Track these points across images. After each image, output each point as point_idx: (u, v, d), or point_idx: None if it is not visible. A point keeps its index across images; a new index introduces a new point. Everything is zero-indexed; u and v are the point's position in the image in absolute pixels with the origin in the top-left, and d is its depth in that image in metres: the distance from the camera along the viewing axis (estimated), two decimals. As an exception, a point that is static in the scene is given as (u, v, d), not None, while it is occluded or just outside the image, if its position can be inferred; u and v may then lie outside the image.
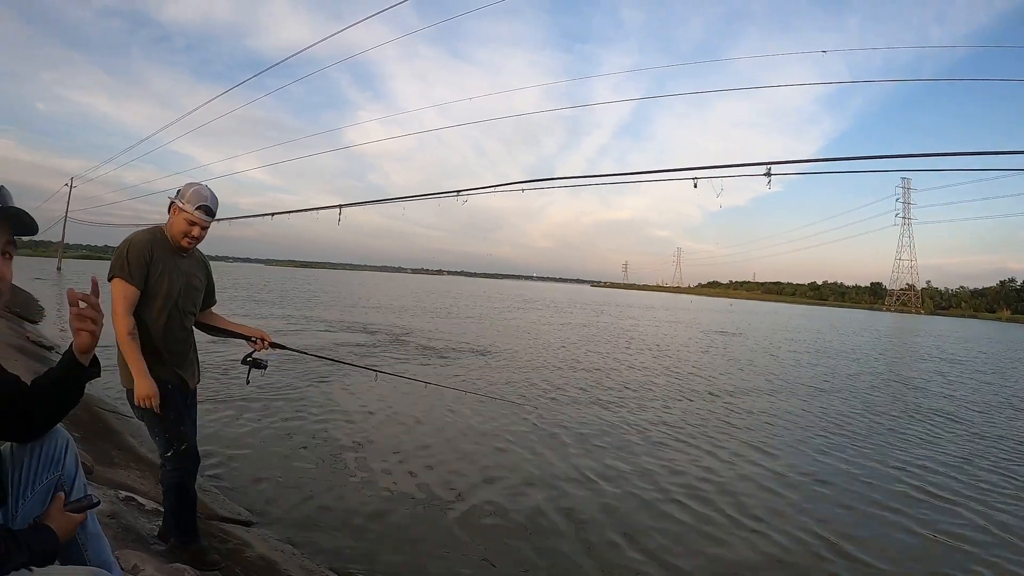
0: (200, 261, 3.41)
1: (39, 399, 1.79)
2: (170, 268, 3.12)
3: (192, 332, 3.40)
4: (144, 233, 3.13)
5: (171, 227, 3.14)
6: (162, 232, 3.17)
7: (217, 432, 6.76)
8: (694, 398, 10.97)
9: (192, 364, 3.38)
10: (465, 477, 5.66)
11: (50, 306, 20.23)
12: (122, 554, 2.83)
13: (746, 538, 4.94)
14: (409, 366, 12.01)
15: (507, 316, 32.34)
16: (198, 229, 3.15)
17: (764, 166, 7.36)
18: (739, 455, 7.20)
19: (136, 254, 3.01)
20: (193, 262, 3.31)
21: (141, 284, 3.02)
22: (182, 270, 3.20)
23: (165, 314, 3.10)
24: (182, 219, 3.11)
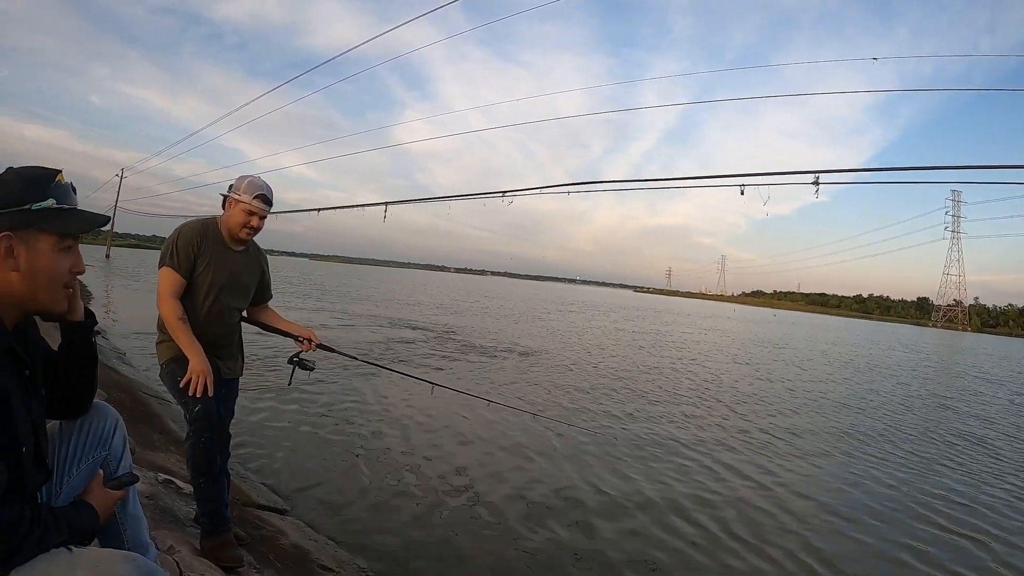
0: (254, 258, 3.39)
1: (64, 369, 1.82)
2: (216, 262, 3.12)
3: (238, 327, 3.40)
4: (196, 223, 3.14)
5: (229, 220, 3.14)
6: (215, 224, 3.17)
7: (259, 422, 6.85)
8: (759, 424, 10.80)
9: (234, 356, 3.38)
10: (505, 490, 5.55)
11: (98, 291, 20.74)
12: (158, 534, 2.87)
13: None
14: (461, 371, 11.78)
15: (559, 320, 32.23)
16: (256, 219, 3.14)
17: (812, 174, 7.23)
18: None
19: (184, 244, 3.03)
20: (246, 258, 3.30)
21: (187, 274, 3.03)
22: (229, 266, 3.18)
23: (206, 306, 3.10)
24: (239, 210, 3.11)
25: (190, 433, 2.99)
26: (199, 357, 2.89)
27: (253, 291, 3.41)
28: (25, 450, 1.47)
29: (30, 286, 1.49)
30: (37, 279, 1.49)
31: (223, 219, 3.16)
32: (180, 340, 2.93)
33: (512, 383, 10.83)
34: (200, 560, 2.87)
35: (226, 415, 3.29)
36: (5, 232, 1.43)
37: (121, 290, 24.74)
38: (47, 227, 1.49)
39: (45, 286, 1.52)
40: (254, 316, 3.54)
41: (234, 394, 3.46)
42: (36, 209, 1.47)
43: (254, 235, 3.21)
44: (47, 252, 1.50)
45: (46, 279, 1.51)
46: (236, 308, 3.32)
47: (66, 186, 1.55)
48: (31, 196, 1.47)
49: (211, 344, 3.10)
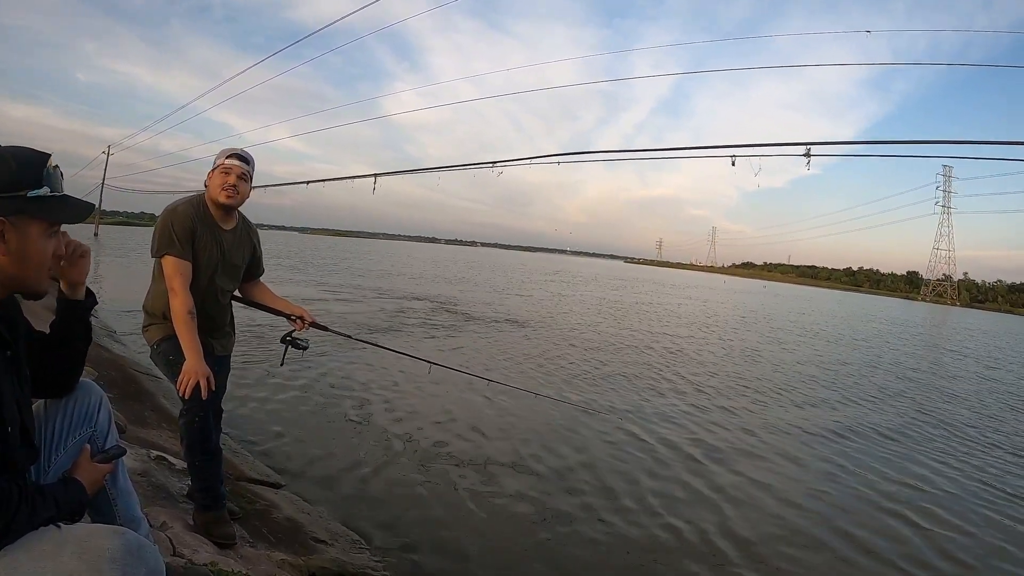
0: (245, 235, 3.33)
1: (56, 346, 1.83)
2: (209, 243, 3.07)
3: (229, 305, 3.37)
4: (185, 205, 3.06)
5: (209, 190, 3.08)
6: (203, 203, 3.10)
7: (252, 397, 6.86)
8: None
9: (227, 335, 3.37)
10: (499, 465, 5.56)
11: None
12: (151, 511, 2.88)
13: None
14: (457, 346, 11.80)
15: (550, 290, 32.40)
16: (233, 177, 3.05)
17: (804, 146, 7.21)
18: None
19: (182, 227, 2.96)
20: (236, 236, 3.25)
21: (191, 256, 2.98)
22: (222, 246, 3.13)
23: (199, 287, 3.04)
24: (216, 174, 3.06)
25: (184, 411, 2.99)
26: (197, 358, 2.83)
27: (244, 269, 3.37)
28: (11, 429, 1.47)
29: (18, 269, 1.50)
30: (26, 263, 1.51)
31: (208, 194, 3.10)
32: (182, 335, 2.86)
33: (509, 359, 10.84)
34: (193, 535, 2.88)
35: (219, 391, 3.25)
36: (0, 218, 1.44)
37: (110, 268, 24.57)
38: (39, 214, 1.51)
39: (32, 269, 1.53)
40: (246, 292, 3.51)
41: (226, 370, 3.44)
42: (31, 196, 1.48)
43: (238, 198, 3.10)
44: (36, 237, 1.52)
45: (34, 263, 1.53)
46: (228, 290, 3.28)
47: (57, 173, 1.55)
48: (27, 182, 1.48)
49: (205, 324, 3.05)
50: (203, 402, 2.86)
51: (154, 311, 3.09)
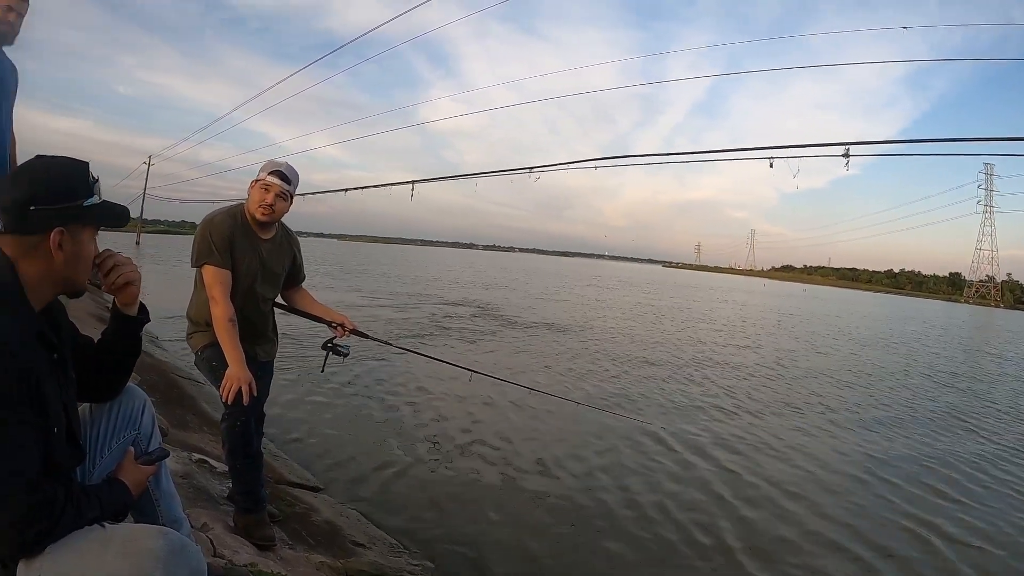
0: (285, 244, 3.36)
1: (105, 355, 1.87)
2: (247, 252, 3.10)
3: (271, 312, 3.40)
4: (223, 215, 3.10)
5: (249, 203, 3.11)
6: (242, 213, 3.14)
7: (293, 402, 6.95)
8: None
9: (269, 340, 3.40)
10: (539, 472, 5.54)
11: (130, 278, 20.99)
12: (193, 513, 2.92)
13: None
14: (498, 353, 11.73)
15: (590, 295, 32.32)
16: (272, 195, 3.06)
17: (842, 146, 7.08)
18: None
19: (220, 236, 3.00)
20: (275, 245, 3.27)
21: (230, 265, 3.01)
22: (261, 255, 3.17)
23: (239, 295, 3.07)
24: (256, 188, 3.08)
25: (226, 416, 3.02)
26: (239, 365, 2.86)
27: (284, 277, 3.40)
28: (57, 431, 1.50)
29: (69, 272, 1.57)
30: (77, 265, 1.58)
31: (247, 205, 3.13)
32: (224, 343, 2.90)
33: (548, 365, 10.77)
34: (234, 537, 2.92)
35: (261, 396, 3.27)
36: (59, 227, 1.50)
37: (150, 275, 25.01)
38: (90, 221, 1.59)
39: (80, 271, 1.61)
40: (288, 299, 3.53)
41: (268, 376, 3.46)
42: (87, 205, 1.56)
43: (274, 216, 3.13)
44: (86, 242, 1.60)
45: (82, 265, 1.61)
46: (268, 298, 3.31)
47: (98, 179, 1.62)
48: (83, 192, 1.55)
49: (247, 331, 3.08)
50: (245, 407, 2.88)
51: (197, 319, 3.14)
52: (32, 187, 1.50)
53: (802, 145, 7.61)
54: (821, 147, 7.48)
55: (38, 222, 1.49)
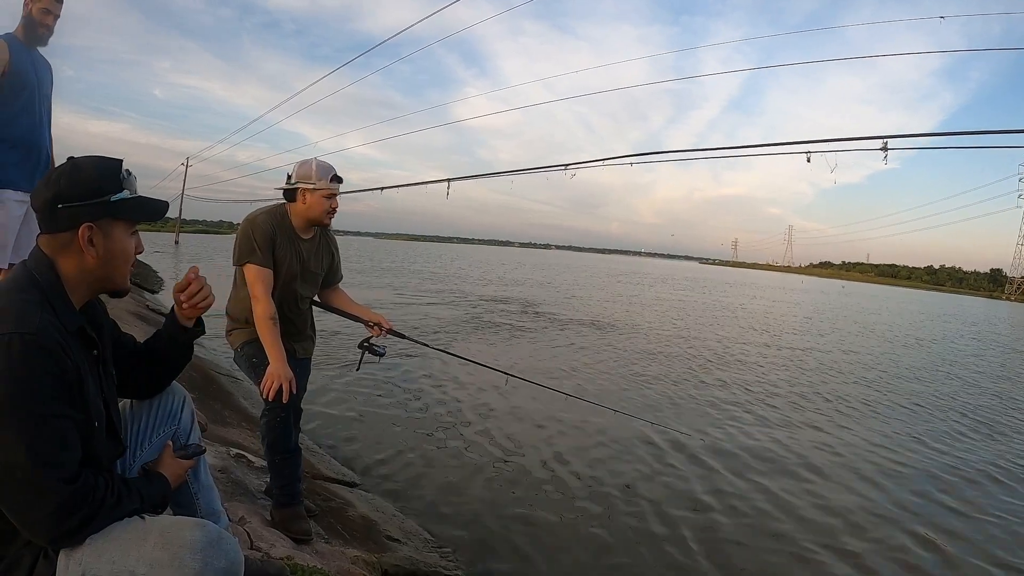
0: (324, 244, 3.40)
1: (155, 358, 1.92)
2: (288, 252, 3.14)
3: (309, 311, 3.45)
4: (265, 215, 3.14)
5: (310, 210, 3.14)
6: (284, 213, 3.18)
7: (330, 398, 7.02)
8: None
9: (308, 338, 3.45)
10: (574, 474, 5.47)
11: (168, 277, 21.38)
12: (230, 506, 2.96)
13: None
14: (536, 355, 11.59)
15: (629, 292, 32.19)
16: (336, 201, 3.18)
17: (881, 140, 6.96)
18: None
19: (262, 236, 3.04)
20: (315, 245, 3.32)
21: (271, 264, 3.06)
22: (301, 255, 3.21)
23: (279, 294, 3.12)
24: (320, 196, 3.11)
25: (265, 411, 3.06)
26: (280, 362, 2.89)
27: (322, 277, 3.43)
28: (97, 425, 1.53)
29: (106, 269, 1.59)
30: (112, 262, 1.59)
31: (299, 210, 3.16)
32: (265, 340, 2.94)
33: (589, 369, 10.61)
34: (270, 531, 2.95)
35: (299, 392, 3.29)
36: (87, 223, 1.52)
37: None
38: (122, 216, 1.59)
39: (117, 267, 1.62)
40: (326, 298, 3.57)
41: (307, 372, 3.51)
42: (115, 200, 1.56)
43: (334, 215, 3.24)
44: (120, 238, 1.60)
45: (119, 263, 1.62)
46: (307, 295, 3.35)
47: (131, 176, 1.63)
48: (109, 187, 1.56)
49: (286, 329, 3.12)
50: (285, 403, 2.91)
51: (237, 316, 3.20)
52: (59, 186, 1.52)
53: (840, 139, 7.51)
54: (859, 140, 7.36)
55: (66, 219, 1.52)
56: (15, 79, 3.38)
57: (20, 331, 1.35)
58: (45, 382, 1.35)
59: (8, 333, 1.34)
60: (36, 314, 1.41)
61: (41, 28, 3.50)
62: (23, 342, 1.34)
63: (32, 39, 3.52)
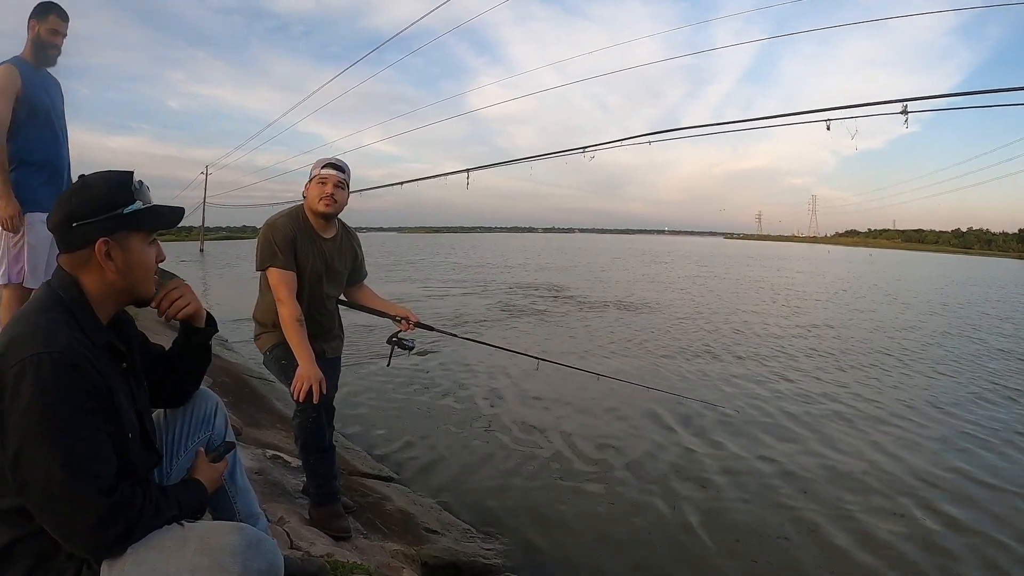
0: (346, 242, 3.40)
1: (176, 364, 1.93)
2: (311, 252, 3.14)
3: (336, 310, 3.45)
4: (284, 218, 3.14)
5: (308, 201, 3.15)
6: (303, 214, 3.18)
7: (362, 395, 7.09)
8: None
9: (336, 337, 3.44)
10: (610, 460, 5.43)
11: (197, 286, 21.60)
12: (269, 507, 3.00)
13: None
14: (564, 338, 11.60)
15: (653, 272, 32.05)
16: (330, 186, 3.10)
17: (900, 103, 6.82)
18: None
19: (283, 239, 3.05)
20: (337, 244, 3.31)
21: (294, 266, 3.06)
22: (324, 255, 3.21)
23: (305, 296, 3.13)
24: (313, 185, 3.12)
25: (297, 412, 3.07)
26: (309, 363, 2.91)
27: (347, 274, 3.44)
28: (131, 436, 1.55)
29: (127, 281, 1.60)
30: (132, 273, 1.60)
31: (307, 206, 3.17)
32: (293, 342, 2.95)
33: (616, 348, 10.65)
34: (309, 529, 2.98)
35: (330, 391, 3.30)
36: (103, 238, 1.53)
37: (217, 280, 25.81)
38: (137, 227, 1.60)
39: (139, 278, 1.63)
40: (351, 296, 3.57)
41: (337, 371, 3.52)
42: (127, 212, 1.57)
43: (336, 206, 3.16)
44: (138, 249, 1.61)
45: (139, 271, 1.62)
46: (333, 295, 3.36)
47: (143, 187, 1.64)
48: (121, 200, 1.57)
49: (314, 330, 3.14)
50: (316, 403, 2.92)
51: (264, 320, 3.22)
52: (70, 205, 1.54)
53: (859, 104, 7.35)
54: (878, 105, 7.23)
55: (82, 237, 1.53)
56: (29, 103, 3.42)
57: (49, 350, 1.36)
58: (76, 398, 1.37)
59: (37, 353, 1.36)
60: (63, 332, 1.43)
61: (50, 49, 3.55)
62: (52, 361, 1.36)
63: (42, 60, 3.56)
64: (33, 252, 3.44)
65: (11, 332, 1.44)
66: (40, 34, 3.49)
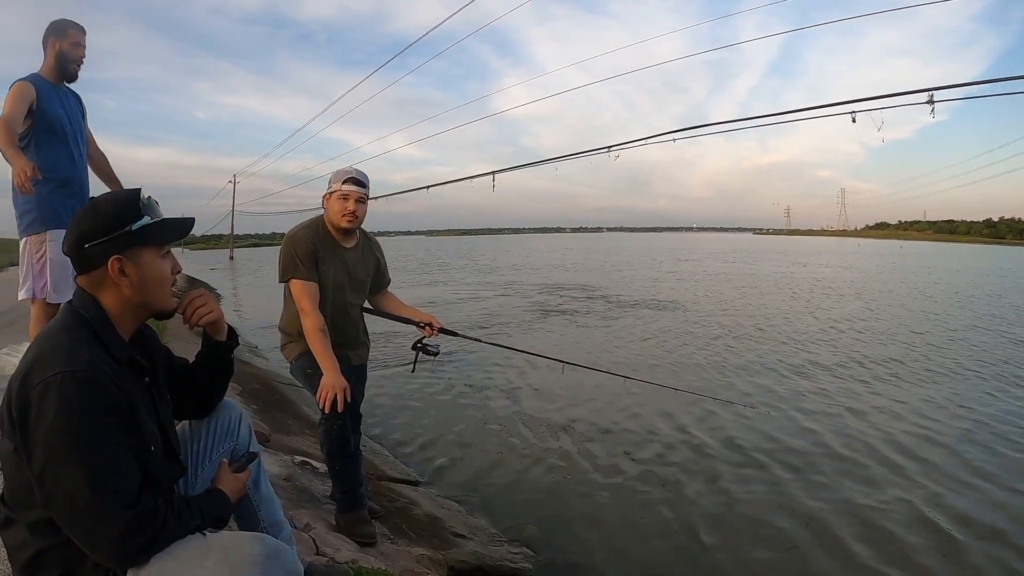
0: (368, 250, 3.43)
1: (200, 375, 1.97)
2: (333, 262, 3.18)
3: (360, 318, 3.47)
4: (305, 229, 3.18)
5: (328, 214, 3.18)
6: (323, 225, 3.21)
7: (388, 400, 7.14)
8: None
9: (361, 344, 3.47)
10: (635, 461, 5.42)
11: (226, 293, 21.95)
12: (296, 513, 3.04)
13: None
14: (591, 341, 11.51)
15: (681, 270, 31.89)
16: (352, 201, 3.13)
17: (926, 93, 6.73)
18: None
19: (304, 250, 3.09)
20: (358, 253, 3.34)
21: (316, 277, 3.10)
22: (346, 264, 3.24)
23: (329, 305, 3.16)
24: (334, 199, 3.13)
25: (323, 420, 3.12)
26: (333, 372, 2.93)
27: (370, 282, 3.47)
28: (154, 449, 1.59)
29: (144, 295, 1.64)
30: (148, 288, 1.64)
31: (327, 217, 3.20)
32: (317, 352, 2.98)
33: (643, 350, 10.58)
34: (335, 535, 3.01)
35: (357, 398, 3.35)
36: (115, 256, 1.57)
37: (246, 288, 26.14)
38: (148, 241, 1.64)
39: (155, 291, 1.67)
40: (375, 303, 3.60)
41: (363, 378, 3.55)
42: (136, 228, 1.61)
43: (357, 222, 3.19)
44: (150, 263, 1.64)
45: (155, 285, 1.66)
46: (356, 303, 3.39)
47: (151, 201, 1.67)
48: (129, 217, 1.61)
49: (338, 338, 3.17)
50: (342, 411, 2.95)
51: (289, 331, 3.26)
52: (81, 227, 1.59)
53: (884, 96, 7.25)
54: (904, 95, 7.13)
55: (95, 257, 1.57)
56: (47, 118, 3.47)
57: (71, 369, 1.41)
58: (98, 414, 1.41)
59: (60, 372, 1.40)
60: (84, 351, 1.47)
61: (74, 64, 3.60)
62: (74, 379, 1.40)
63: (65, 75, 3.61)
64: (55, 267, 3.49)
65: (35, 352, 1.48)
66: (63, 49, 3.53)
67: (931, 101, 6.56)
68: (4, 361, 4.95)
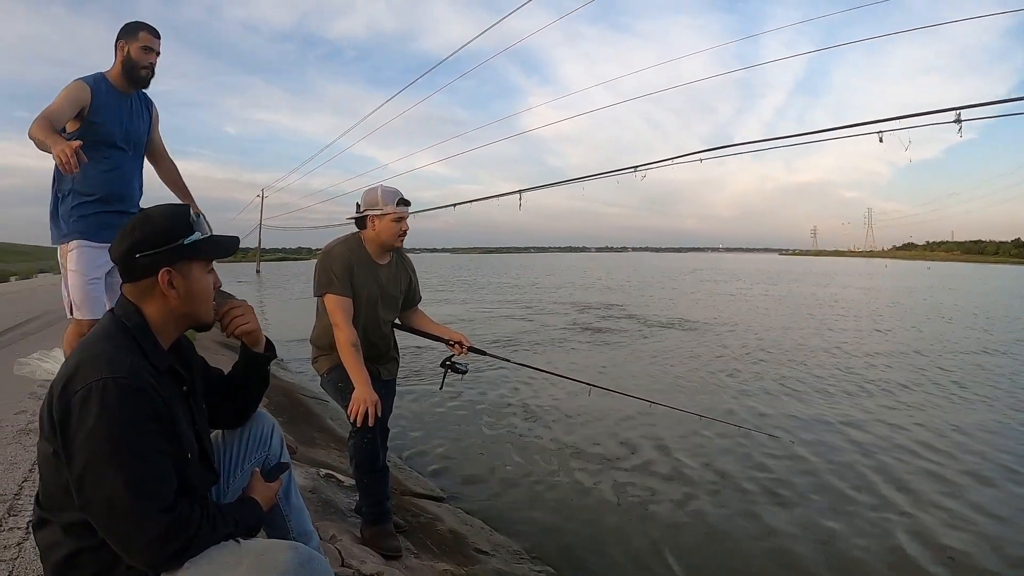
0: (401, 267, 3.48)
1: (236, 386, 2.01)
2: (368, 278, 3.23)
3: (391, 333, 3.51)
4: (341, 245, 3.25)
5: (381, 235, 3.21)
6: (359, 241, 3.27)
7: (415, 416, 7.17)
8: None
9: (391, 359, 3.52)
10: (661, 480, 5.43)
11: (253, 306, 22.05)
12: (321, 525, 3.05)
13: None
14: (618, 364, 11.41)
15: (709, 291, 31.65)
16: (406, 224, 3.25)
17: (953, 112, 6.67)
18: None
19: (341, 266, 3.14)
20: (392, 270, 3.39)
21: (350, 292, 3.15)
22: (379, 281, 3.29)
23: (361, 320, 3.21)
24: (388, 221, 3.19)
25: (353, 433, 3.13)
26: (365, 386, 2.97)
27: (402, 299, 3.51)
28: (191, 456, 1.62)
29: (189, 307, 1.68)
30: (194, 300, 1.69)
31: (370, 236, 3.24)
32: (349, 366, 3.02)
33: (671, 374, 10.43)
34: (361, 548, 3.03)
35: (385, 413, 3.36)
36: (165, 267, 1.62)
37: (273, 301, 26.40)
38: (198, 256, 1.68)
39: (199, 304, 1.71)
40: (406, 320, 3.64)
41: (392, 393, 3.57)
42: (188, 243, 1.65)
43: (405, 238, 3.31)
44: (198, 276, 1.69)
45: (200, 298, 1.71)
46: (388, 319, 3.43)
47: (201, 218, 1.73)
48: (182, 231, 1.65)
49: (370, 353, 3.22)
50: (371, 425, 2.99)
51: (321, 344, 3.31)
52: (133, 237, 1.62)
53: (910, 115, 7.20)
54: (930, 115, 7.07)
55: (145, 267, 1.62)
56: (95, 132, 3.24)
57: (113, 375, 1.44)
58: (139, 421, 1.44)
59: (102, 378, 1.43)
60: (126, 358, 1.50)
61: (143, 69, 3.35)
62: (116, 385, 1.43)
63: (133, 81, 3.37)
64: (75, 279, 3.29)
65: (77, 358, 1.52)
66: (131, 54, 3.29)
67: (958, 120, 6.50)
68: (35, 366, 5.02)
